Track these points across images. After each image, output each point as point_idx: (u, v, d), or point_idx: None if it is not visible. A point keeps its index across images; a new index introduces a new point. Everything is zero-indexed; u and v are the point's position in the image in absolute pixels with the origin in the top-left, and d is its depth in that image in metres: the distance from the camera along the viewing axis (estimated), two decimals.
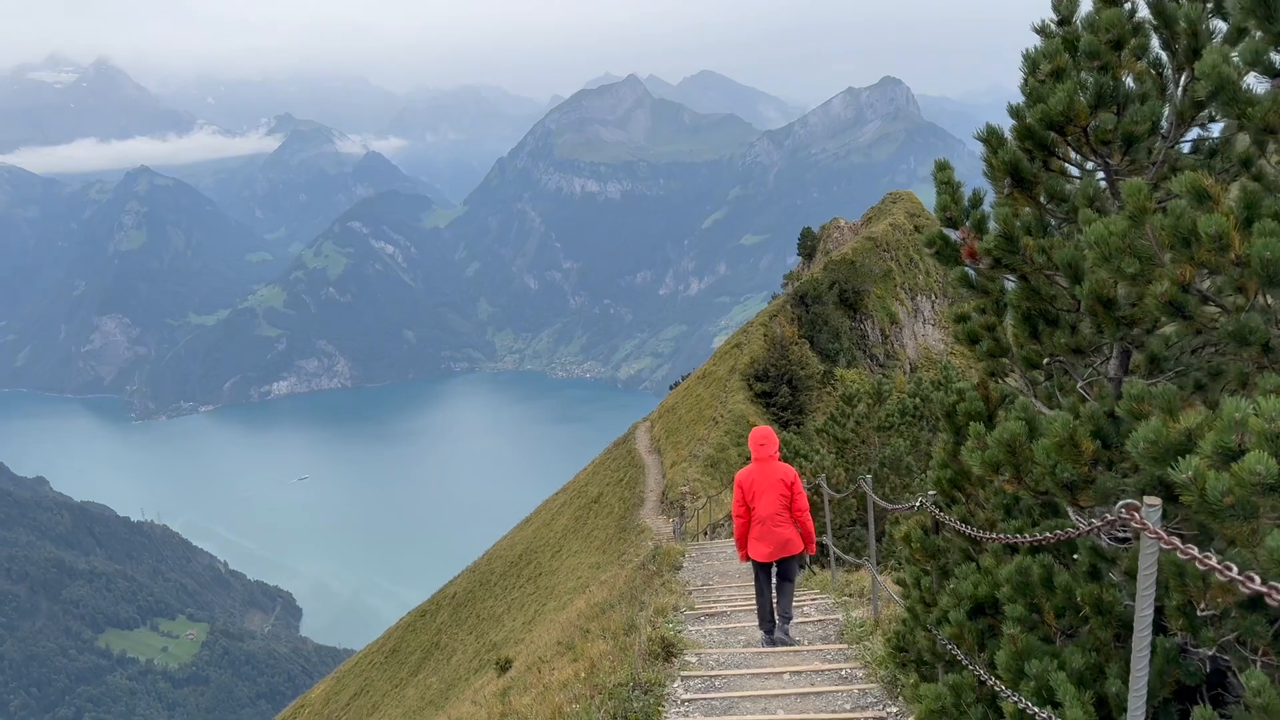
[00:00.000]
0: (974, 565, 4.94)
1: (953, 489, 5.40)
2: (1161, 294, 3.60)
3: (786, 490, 10.32)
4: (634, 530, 35.67)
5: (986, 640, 4.69)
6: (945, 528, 5.57)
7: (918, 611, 5.62)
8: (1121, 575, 4.00)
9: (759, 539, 10.26)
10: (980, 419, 5.13)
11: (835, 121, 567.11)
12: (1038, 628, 4.23)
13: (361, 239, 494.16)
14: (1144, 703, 3.31)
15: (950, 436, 5.36)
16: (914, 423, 16.57)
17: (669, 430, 52.95)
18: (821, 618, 10.86)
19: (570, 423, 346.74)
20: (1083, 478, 3.90)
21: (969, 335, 5.31)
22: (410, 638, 50.54)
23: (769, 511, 10.20)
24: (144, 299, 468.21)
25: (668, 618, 11.25)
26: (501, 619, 39.18)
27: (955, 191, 5.23)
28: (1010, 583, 4.25)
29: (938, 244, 5.33)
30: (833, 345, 53.71)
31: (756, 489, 10.35)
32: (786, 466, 10.70)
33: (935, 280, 70.49)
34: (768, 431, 10.82)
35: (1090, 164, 4.70)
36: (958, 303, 5.54)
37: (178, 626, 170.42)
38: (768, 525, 10.20)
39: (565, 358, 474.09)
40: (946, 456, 5.36)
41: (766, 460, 10.48)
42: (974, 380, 5.51)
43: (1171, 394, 3.51)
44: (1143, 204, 3.65)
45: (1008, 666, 4.09)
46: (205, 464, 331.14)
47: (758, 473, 10.43)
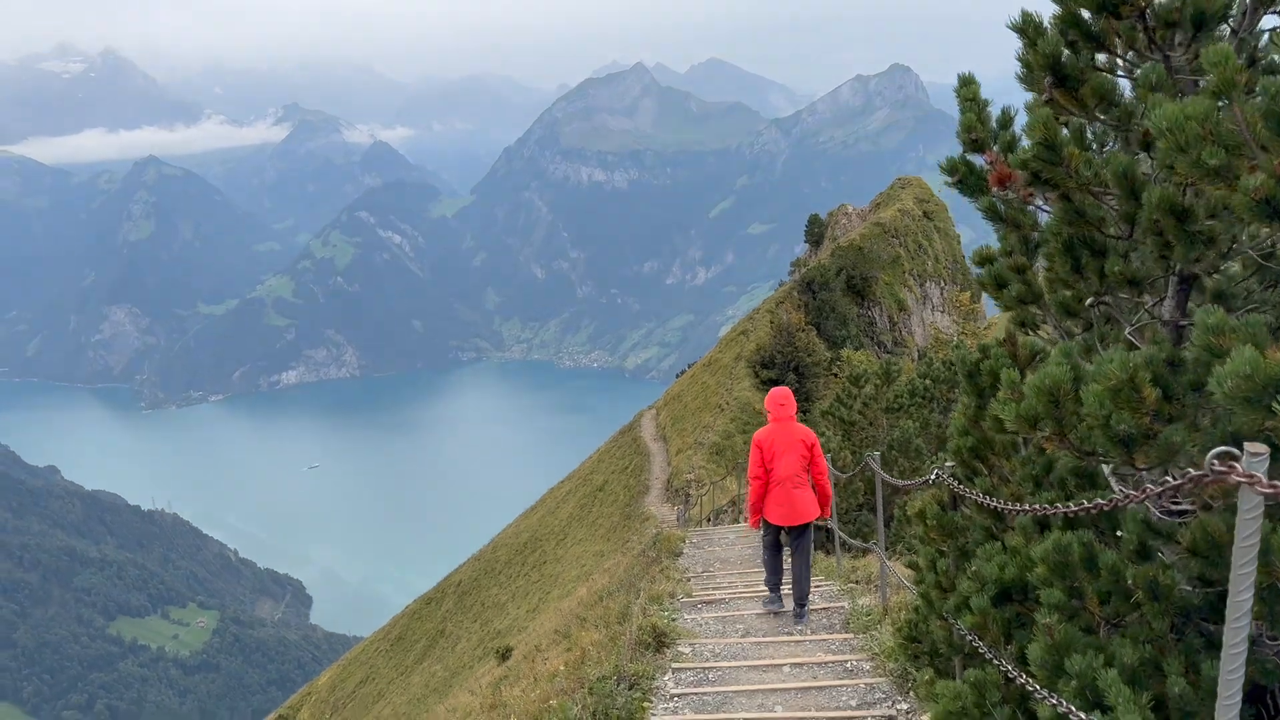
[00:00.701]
0: (999, 545, 4.27)
1: (974, 459, 4.78)
2: (1255, 189, 2.88)
3: (807, 451, 10.06)
4: (638, 518, 35.23)
5: (1014, 630, 4.06)
6: (965, 502, 4.93)
7: (932, 598, 4.94)
8: (1181, 553, 3.31)
9: (777, 502, 9.94)
10: None
11: (843, 109, 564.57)
12: (1078, 616, 3.53)
13: (369, 229, 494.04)
14: (1237, 709, 2.63)
15: (972, 400, 4.72)
16: (924, 404, 15.92)
17: (674, 418, 52.49)
18: (826, 605, 10.20)
19: (577, 412, 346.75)
20: (1143, 430, 3.21)
21: (995, 279, 4.64)
22: (415, 625, 50.32)
23: (789, 473, 9.89)
24: (153, 289, 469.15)
25: (663, 605, 10.66)
26: (505, 607, 38.85)
27: (981, 110, 4.59)
28: (1046, 563, 3.56)
29: (960, 171, 4.60)
30: (840, 332, 53.13)
31: (777, 449, 10.02)
32: (806, 428, 10.41)
33: (944, 266, 69.81)
34: (786, 392, 10.54)
35: (1146, 64, 3.93)
36: (980, 248, 4.82)
37: (188, 614, 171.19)
38: (786, 487, 9.89)
39: (572, 347, 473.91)
40: (967, 423, 4.74)
41: (786, 420, 10.19)
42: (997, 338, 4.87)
43: (1259, 326, 2.91)
44: (1230, 77, 2.99)
45: (1043, 662, 3.45)
46: (215, 453, 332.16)
47: (777, 433, 10.11)
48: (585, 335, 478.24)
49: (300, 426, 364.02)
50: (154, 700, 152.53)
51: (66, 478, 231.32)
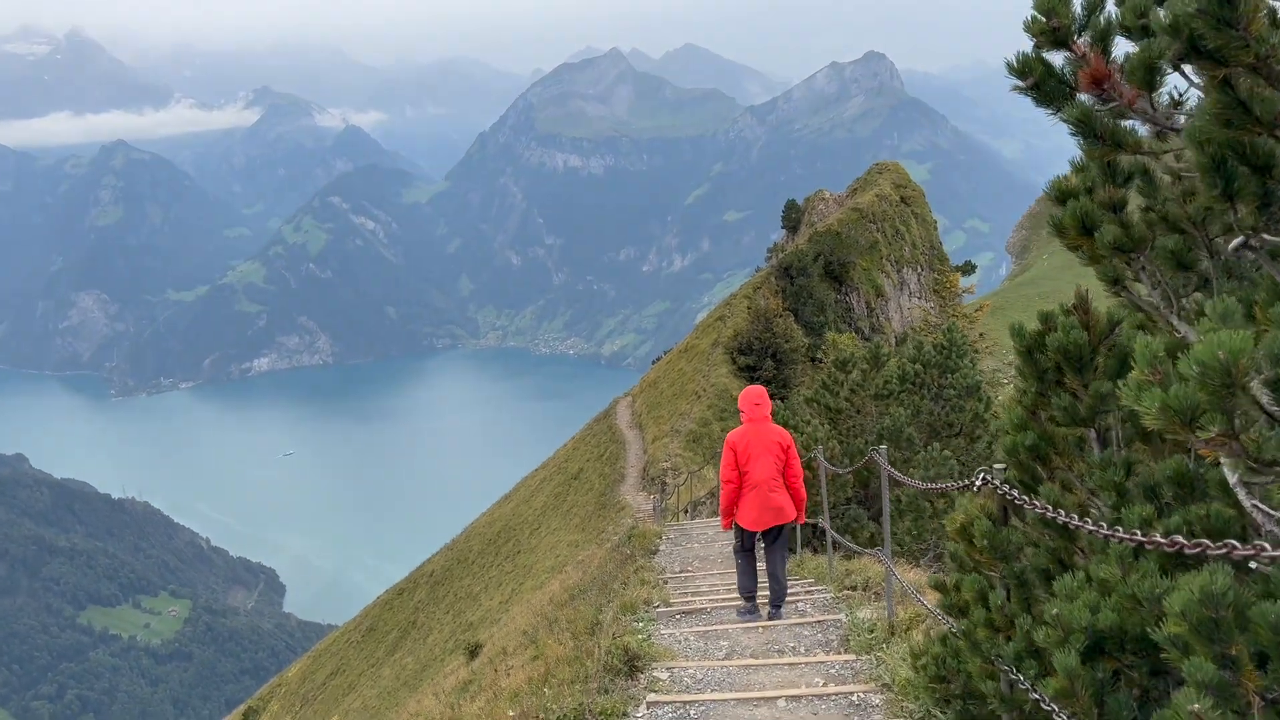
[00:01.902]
0: (1082, 576, 3.28)
1: (1035, 461, 3.89)
2: None
3: (782, 454, 9.62)
4: (614, 507, 34.51)
5: (1107, 695, 3.05)
6: (1024, 516, 3.99)
7: (980, 639, 3.93)
8: None
9: (750, 505, 9.53)
10: (1079, 354, 3.61)
11: (819, 97, 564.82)
12: (1225, 690, 2.31)
13: (341, 214, 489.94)
14: None
15: (1031, 385, 3.85)
16: (914, 390, 15.18)
17: (651, 405, 51.78)
18: (821, 617, 9.25)
19: (553, 399, 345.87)
20: None
21: (1081, 220, 3.54)
22: (387, 616, 49.49)
23: (763, 476, 9.47)
24: (122, 275, 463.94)
25: (637, 615, 9.75)
26: (479, 598, 38.11)
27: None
28: (1188, 619, 2.29)
29: (1036, 71, 3.41)
30: (818, 318, 52.52)
31: (751, 451, 9.56)
32: (781, 429, 9.97)
33: (921, 252, 69.37)
34: (761, 391, 10.05)
35: None
36: (1058, 181, 3.73)
37: (160, 603, 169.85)
38: (761, 490, 9.47)
39: (548, 334, 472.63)
40: (1024, 415, 3.90)
41: (760, 421, 9.74)
42: (1061, 307, 3.80)
43: None
44: None
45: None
46: (186, 441, 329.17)
47: (751, 434, 9.66)
48: (561, 322, 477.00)
49: (272, 414, 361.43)
50: (125, 690, 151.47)
51: (35, 466, 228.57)
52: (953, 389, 14.52)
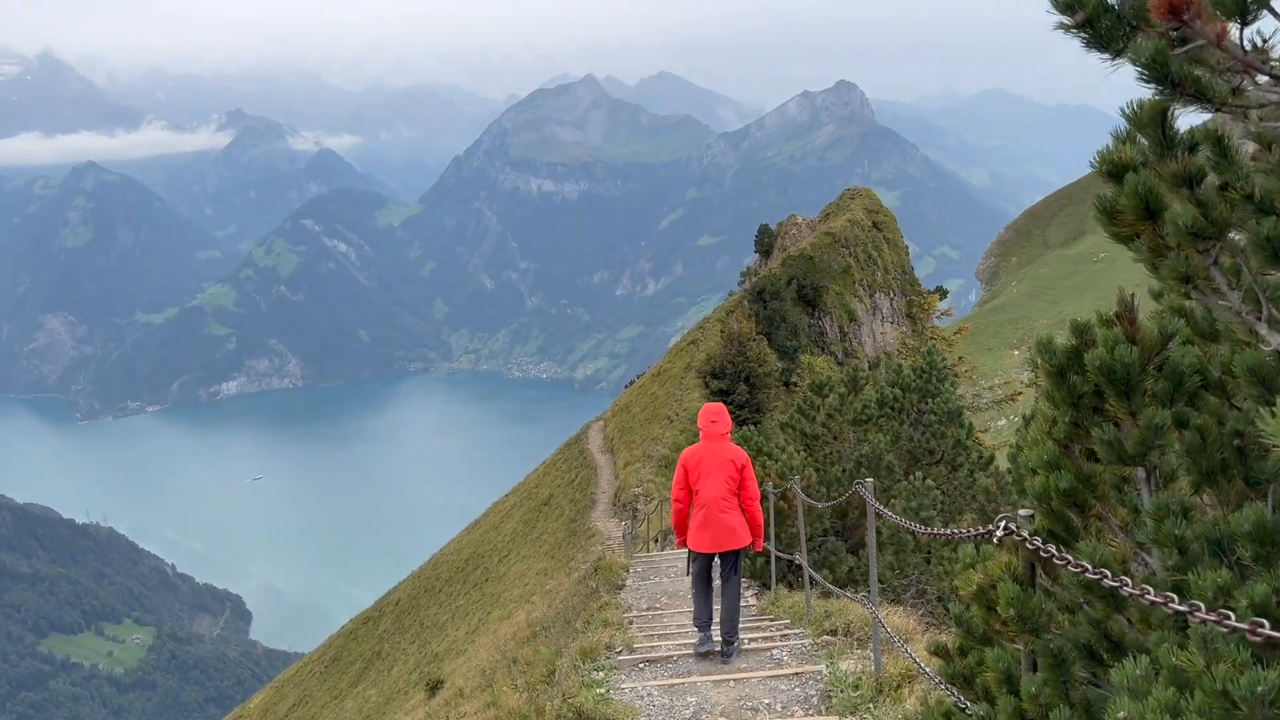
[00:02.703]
0: (1144, 661, 2.48)
1: (1070, 507, 3.21)
2: None
3: (736, 473, 9.10)
4: (584, 534, 33.82)
5: None
6: (1056, 575, 3.28)
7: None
8: None
9: (701, 526, 9.04)
10: (1126, 374, 2.93)
11: (791, 124, 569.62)
12: None
13: (314, 237, 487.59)
14: None
15: (1065, 413, 3.18)
16: (894, 416, 14.58)
17: (623, 429, 51.21)
18: (798, 668, 8.33)
19: (526, 423, 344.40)
20: None
21: (1144, 198, 2.74)
22: (352, 646, 48.45)
23: (713, 496, 9.00)
24: (90, 297, 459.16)
25: (596, 663, 8.96)
26: (445, 627, 37.27)
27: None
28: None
29: (1088, 6, 2.54)
30: (791, 342, 52.23)
31: (702, 469, 9.11)
32: (738, 448, 9.45)
33: (894, 278, 69.30)
34: (720, 408, 9.63)
35: None
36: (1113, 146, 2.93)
37: (123, 630, 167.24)
38: (712, 511, 9.00)
39: (521, 358, 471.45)
40: (1056, 451, 3.23)
41: (717, 439, 9.28)
42: (1099, 318, 3.04)
43: None
44: None
45: None
46: (153, 465, 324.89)
47: (705, 451, 9.22)
48: (534, 346, 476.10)
49: (241, 438, 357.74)
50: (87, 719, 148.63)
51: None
52: (933, 414, 13.92)
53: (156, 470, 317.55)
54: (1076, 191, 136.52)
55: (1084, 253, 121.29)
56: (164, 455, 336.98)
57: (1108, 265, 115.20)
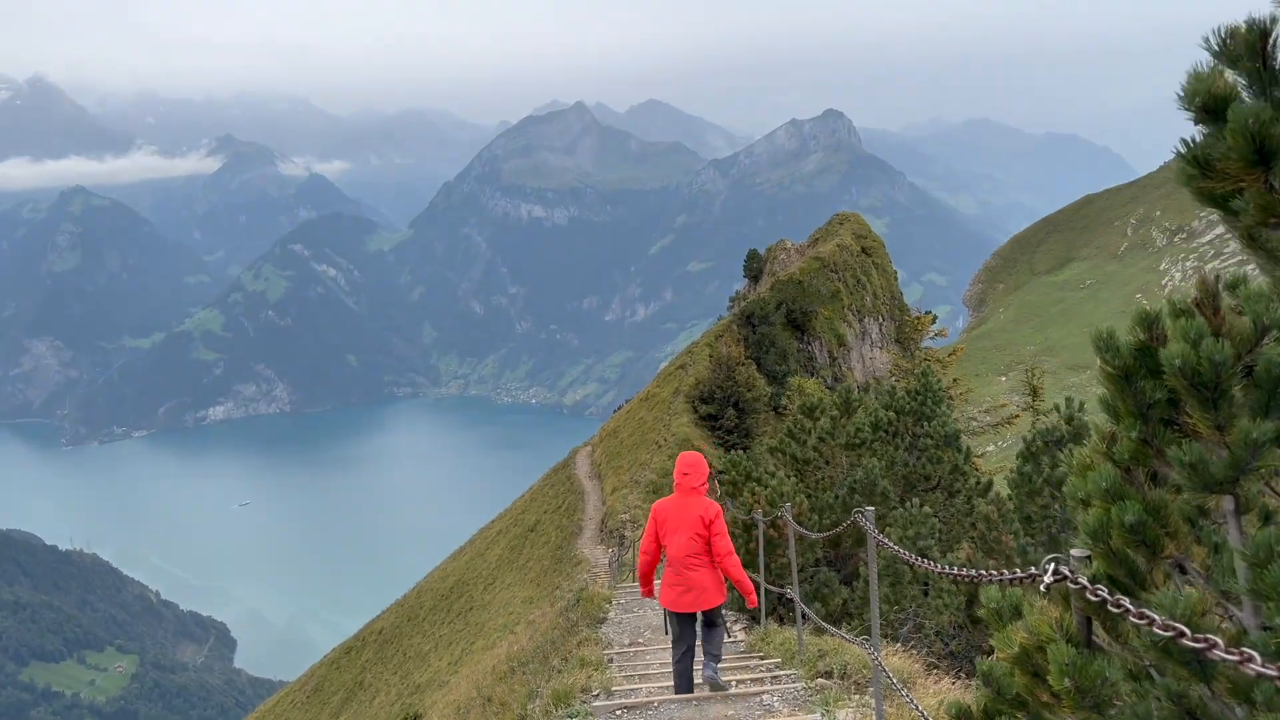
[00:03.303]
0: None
1: (1137, 547, 2.48)
2: None
3: (703, 530, 8.64)
4: (570, 561, 33.30)
5: None
6: (1117, 631, 2.52)
7: None
8: None
9: (669, 584, 8.71)
10: (1214, 377, 2.26)
11: (779, 152, 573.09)
12: None
13: (303, 261, 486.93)
14: None
15: (1131, 430, 2.53)
16: (888, 440, 14.11)
17: (610, 455, 50.70)
18: (791, 716, 7.65)
19: (514, 448, 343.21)
20: None
21: (1255, 136, 2.13)
22: (334, 676, 47.66)
23: (681, 553, 8.62)
24: (77, 321, 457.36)
25: (570, 709, 8.40)
26: (428, 657, 36.64)
27: None
28: None
29: None
30: (780, 366, 51.86)
31: (670, 525, 8.74)
32: (709, 502, 8.92)
33: (882, 302, 69.12)
34: (695, 459, 9.07)
35: None
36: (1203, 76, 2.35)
37: (106, 659, 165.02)
38: (678, 569, 8.66)
39: (511, 383, 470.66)
40: (1118, 476, 2.53)
41: (688, 492, 8.84)
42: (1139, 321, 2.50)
43: None
44: None
45: None
46: (138, 491, 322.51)
47: (674, 505, 8.83)
48: (524, 371, 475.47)
49: (227, 463, 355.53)
50: None
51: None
52: (929, 438, 13.46)
53: (142, 496, 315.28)
54: (1063, 219, 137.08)
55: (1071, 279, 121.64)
56: (149, 481, 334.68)
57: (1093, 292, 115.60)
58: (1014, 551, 9.93)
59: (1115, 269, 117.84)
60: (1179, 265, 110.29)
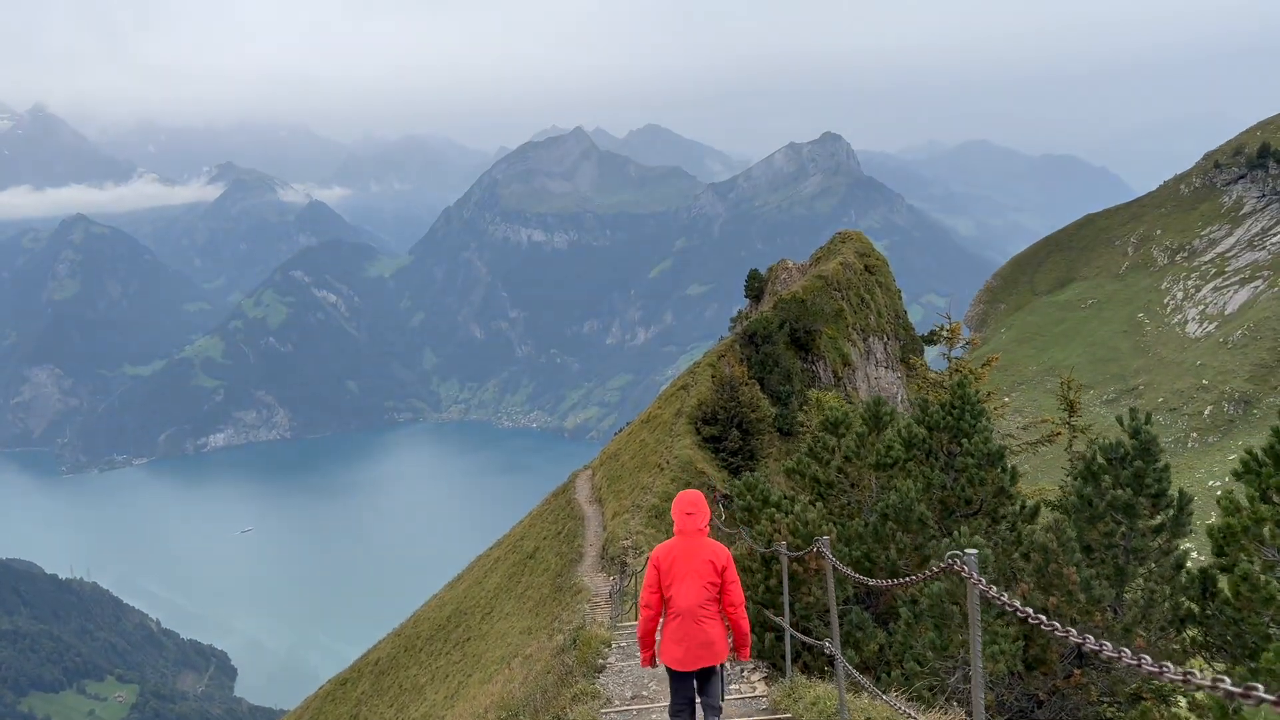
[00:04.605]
0: None
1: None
2: None
3: (716, 576, 7.83)
4: (570, 590, 32.15)
5: None
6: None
7: None
8: None
9: (675, 639, 7.77)
10: None
11: (777, 175, 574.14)
12: None
13: (303, 288, 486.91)
14: None
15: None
16: (922, 459, 12.78)
17: (611, 478, 49.48)
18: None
19: (515, 473, 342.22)
20: None
21: None
22: (329, 709, 46.44)
23: (690, 603, 7.75)
24: (77, 349, 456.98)
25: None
26: (424, 690, 35.53)
27: None
28: None
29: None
30: (784, 387, 50.74)
31: (676, 572, 7.85)
32: (718, 545, 8.09)
33: (887, 321, 68.12)
34: (695, 498, 8.24)
35: None
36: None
37: (106, 688, 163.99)
38: (686, 620, 7.74)
39: (511, 407, 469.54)
40: None
41: (693, 535, 7.99)
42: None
43: None
44: None
45: None
46: (138, 519, 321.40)
47: (680, 550, 7.97)
48: (524, 395, 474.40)
49: (227, 490, 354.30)
50: None
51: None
52: (969, 457, 12.09)
53: (142, 524, 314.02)
54: (1063, 239, 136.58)
55: (1072, 299, 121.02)
56: (150, 508, 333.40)
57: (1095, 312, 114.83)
58: (1078, 587, 8.83)
59: (1116, 288, 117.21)
60: (1180, 284, 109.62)
